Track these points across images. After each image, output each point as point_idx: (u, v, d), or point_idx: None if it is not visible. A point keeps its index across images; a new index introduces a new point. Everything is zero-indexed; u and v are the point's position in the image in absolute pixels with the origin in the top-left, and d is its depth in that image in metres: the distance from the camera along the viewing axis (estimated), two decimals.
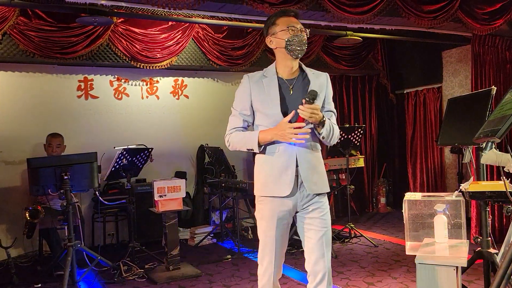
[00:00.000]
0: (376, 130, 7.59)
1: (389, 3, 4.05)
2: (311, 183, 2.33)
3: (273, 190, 2.34)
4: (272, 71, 2.42)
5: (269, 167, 2.36)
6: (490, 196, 2.61)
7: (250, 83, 2.42)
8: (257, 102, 2.39)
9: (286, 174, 2.31)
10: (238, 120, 2.45)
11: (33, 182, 4.02)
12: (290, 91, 2.37)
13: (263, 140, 2.33)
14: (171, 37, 5.59)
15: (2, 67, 5.14)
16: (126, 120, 5.84)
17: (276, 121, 2.32)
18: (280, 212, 2.35)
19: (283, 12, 2.40)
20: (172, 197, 4.23)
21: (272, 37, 2.38)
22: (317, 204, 2.36)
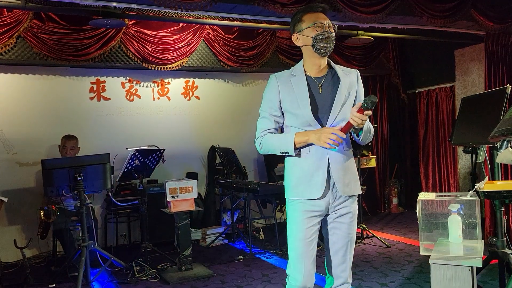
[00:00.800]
0: (388, 130, 7.55)
1: (402, 2, 4.02)
2: (343, 184, 2.25)
3: (304, 192, 2.25)
4: (300, 70, 2.33)
5: (299, 168, 2.28)
6: (506, 195, 2.57)
7: (278, 83, 2.32)
8: (286, 102, 2.30)
9: (318, 175, 2.23)
10: (268, 122, 2.35)
11: (47, 183, 4.08)
12: (319, 89, 2.28)
13: (299, 142, 2.24)
14: (182, 38, 5.62)
15: (17, 70, 5.21)
16: (138, 121, 5.88)
17: (307, 122, 2.24)
18: (312, 214, 2.25)
19: (310, 7, 2.30)
20: (184, 197, 4.25)
21: (298, 34, 2.29)
22: (348, 209, 2.29)
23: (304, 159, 2.27)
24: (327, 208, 2.27)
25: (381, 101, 7.48)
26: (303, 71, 2.33)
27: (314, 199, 2.24)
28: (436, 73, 7.07)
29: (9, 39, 4.79)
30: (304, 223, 2.25)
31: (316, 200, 2.24)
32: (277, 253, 5.03)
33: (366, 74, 7.26)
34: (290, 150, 2.25)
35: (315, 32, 2.23)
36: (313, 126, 2.24)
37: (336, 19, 4.00)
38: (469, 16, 4.39)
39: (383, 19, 3.97)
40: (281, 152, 2.31)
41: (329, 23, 2.27)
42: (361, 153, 5.38)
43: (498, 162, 2.30)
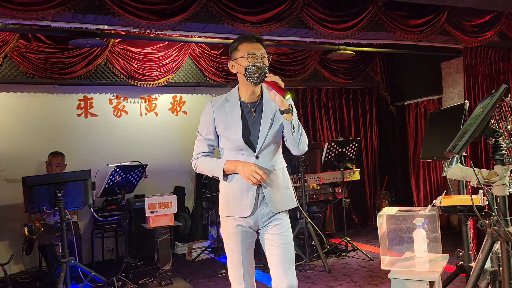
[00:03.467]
0: (377, 142, 7.58)
1: (373, 18, 4.09)
2: (275, 202, 2.41)
3: (234, 210, 2.41)
4: (235, 95, 2.44)
5: (230, 188, 2.42)
6: (462, 210, 2.61)
7: (213, 109, 2.44)
8: (220, 127, 2.42)
9: (247, 196, 2.38)
10: (202, 145, 2.49)
11: (28, 199, 4.15)
12: (252, 114, 2.41)
13: (228, 170, 2.39)
14: (167, 55, 5.72)
15: (4, 88, 5.33)
16: (125, 137, 5.97)
17: (238, 146, 2.38)
18: (243, 229, 2.41)
19: (245, 37, 2.40)
20: (163, 213, 4.30)
21: (233, 61, 2.39)
22: (277, 221, 2.42)
23: (235, 180, 2.40)
24: (256, 223, 2.43)
25: (370, 113, 7.52)
26: (237, 97, 2.44)
27: (243, 217, 2.39)
28: (424, 85, 7.10)
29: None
30: (238, 236, 2.42)
31: (245, 218, 2.40)
32: (260, 267, 5.05)
33: (354, 87, 7.33)
34: (219, 176, 2.41)
35: (247, 62, 2.31)
36: (244, 150, 2.39)
37: (309, 36, 4.08)
38: (444, 30, 4.45)
39: (355, 35, 4.04)
40: (213, 175, 2.47)
41: (263, 53, 2.34)
42: (344, 166, 5.41)
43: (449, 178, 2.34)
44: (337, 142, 5.30)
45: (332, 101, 7.20)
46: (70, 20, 3.27)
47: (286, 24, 3.70)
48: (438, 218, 2.87)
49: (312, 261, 5.08)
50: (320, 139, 6.96)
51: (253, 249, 2.51)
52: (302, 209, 4.96)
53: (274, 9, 3.65)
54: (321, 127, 7.09)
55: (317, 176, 5.37)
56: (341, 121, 7.27)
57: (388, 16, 4.13)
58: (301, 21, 3.83)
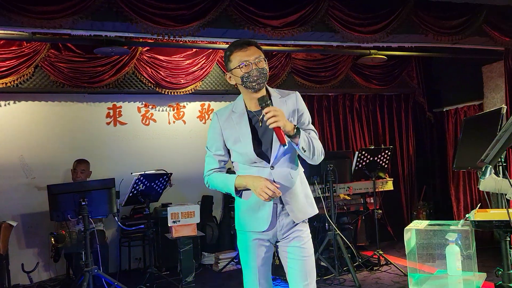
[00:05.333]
0: (414, 151, 7.24)
1: (404, 20, 3.88)
2: (296, 212, 2.27)
3: (250, 225, 2.29)
4: (241, 105, 2.30)
5: (246, 202, 2.29)
6: (498, 225, 2.36)
7: (220, 122, 2.31)
8: (230, 141, 2.29)
9: (264, 209, 2.24)
10: (213, 162, 2.36)
11: (53, 207, 4.18)
12: (259, 123, 2.27)
13: (239, 186, 2.25)
14: (195, 62, 5.69)
15: (36, 98, 5.44)
16: (153, 145, 5.96)
17: (250, 159, 2.25)
18: (260, 242, 2.28)
19: (235, 45, 2.24)
20: (186, 222, 4.22)
21: (229, 73, 2.26)
22: (297, 233, 2.28)
23: (251, 192, 2.24)
24: (274, 235, 2.29)
25: (406, 120, 7.21)
26: (243, 107, 2.30)
27: (261, 231, 2.26)
28: (463, 90, 6.74)
29: (27, 68, 5.03)
30: (254, 251, 2.29)
31: (262, 232, 2.26)
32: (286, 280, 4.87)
33: (388, 93, 7.06)
34: (232, 192, 2.28)
35: (241, 72, 2.18)
36: (258, 163, 2.25)
37: (335, 39, 3.91)
38: (482, 31, 4.17)
39: (384, 38, 3.84)
40: (226, 192, 2.34)
41: (257, 57, 2.18)
42: (376, 175, 5.16)
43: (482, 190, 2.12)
44: (368, 151, 5.06)
45: (365, 108, 6.95)
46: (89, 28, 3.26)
47: (310, 28, 3.56)
48: (472, 233, 2.62)
49: (342, 275, 4.85)
50: (352, 147, 6.72)
51: (270, 264, 2.37)
52: (331, 220, 4.76)
53: (297, 13, 3.51)
54: (354, 135, 6.85)
55: (347, 185, 5.15)
56: (375, 128, 7.01)
57: (419, 17, 3.91)
58: (326, 24, 3.68)
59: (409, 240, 2.79)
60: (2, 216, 5.13)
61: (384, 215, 6.71)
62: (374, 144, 6.77)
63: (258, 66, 2.17)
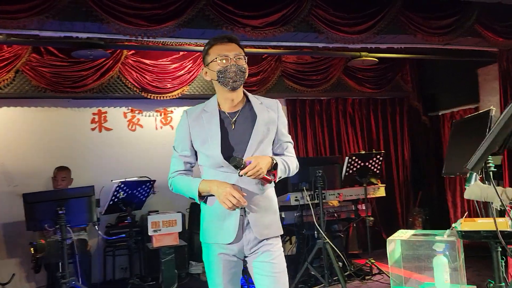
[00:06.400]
0: (410, 156, 7.08)
1: (392, 20, 3.73)
2: (262, 227, 2.10)
3: (216, 237, 2.12)
4: (213, 105, 2.18)
5: (212, 212, 2.13)
6: (486, 236, 2.19)
7: (189, 121, 2.18)
8: (197, 142, 2.16)
9: (230, 220, 2.08)
10: (178, 163, 2.23)
11: (29, 217, 4.02)
12: (232, 125, 2.13)
13: (203, 191, 2.11)
14: (182, 66, 5.56)
15: (19, 103, 5.29)
16: (140, 151, 5.79)
17: (217, 163, 2.09)
18: (225, 257, 2.11)
19: (216, 39, 2.16)
20: (167, 231, 4.07)
21: (206, 68, 2.17)
22: (267, 247, 2.11)
23: (217, 202, 2.07)
24: (241, 250, 2.11)
25: (401, 125, 7.05)
26: (216, 106, 2.16)
27: (227, 244, 2.08)
28: (459, 94, 6.58)
29: (8, 73, 4.89)
30: (220, 267, 2.12)
31: (228, 245, 2.08)
32: None
33: (382, 97, 6.90)
34: (195, 198, 2.12)
35: (218, 66, 2.07)
36: (225, 167, 2.09)
37: (320, 41, 3.76)
38: (474, 32, 4.02)
39: (371, 39, 3.69)
40: (189, 197, 2.17)
41: (237, 54, 2.09)
42: (368, 181, 5.00)
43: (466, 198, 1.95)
44: (358, 156, 4.91)
45: (359, 112, 6.80)
46: (58, 28, 3.11)
47: (292, 28, 3.41)
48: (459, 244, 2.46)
49: (332, 285, 4.67)
50: (345, 152, 6.56)
51: (239, 280, 2.21)
52: (320, 228, 4.58)
53: (279, 12, 3.37)
54: (347, 140, 6.70)
55: (337, 192, 4.98)
56: (368, 133, 6.85)
57: (407, 17, 3.76)
58: (310, 24, 3.53)
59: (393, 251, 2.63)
60: None
61: (379, 222, 6.54)
62: (368, 149, 6.60)
63: (237, 63, 2.07)
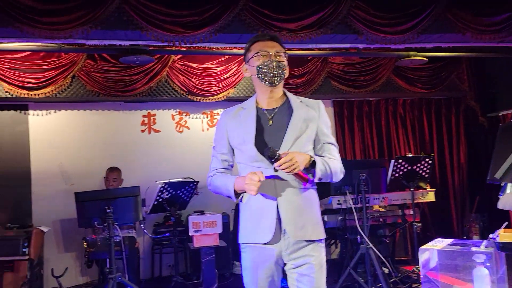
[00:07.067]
0: (466, 159, 6.72)
1: (437, 17, 3.57)
2: (295, 227, 2.02)
3: (252, 236, 2.07)
4: (252, 102, 2.19)
5: (248, 211, 2.11)
6: None
7: (226, 119, 2.21)
8: (233, 138, 2.17)
9: (266, 218, 2.03)
10: (216, 161, 2.24)
11: (80, 214, 4.26)
12: (269, 121, 2.12)
13: (238, 189, 2.08)
14: (227, 69, 5.64)
15: (74, 107, 5.61)
16: (186, 153, 5.93)
17: (253, 157, 2.07)
18: (263, 263, 2.05)
19: (257, 36, 2.19)
20: (207, 232, 4.14)
21: (246, 64, 2.20)
22: (308, 258, 2.03)
23: (252, 200, 2.07)
24: (279, 255, 2.04)
25: (457, 126, 6.71)
26: (254, 104, 2.17)
27: (263, 243, 2.02)
28: None
29: (65, 78, 5.20)
30: (256, 273, 2.06)
31: (266, 246, 2.03)
32: None
33: (436, 97, 6.61)
34: (232, 196, 2.10)
35: (258, 61, 2.10)
36: (261, 162, 2.04)
37: (360, 42, 3.67)
38: None
39: (414, 38, 3.55)
40: (227, 196, 2.15)
41: (278, 51, 2.10)
42: (416, 185, 4.81)
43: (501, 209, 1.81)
44: (405, 159, 4.74)
45: (410, 113, 6.55)
46: (101, 37, 3.28)
47: (329, 30, 3.36)
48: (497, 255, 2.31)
49: None
50: (395, 155, 6.34)
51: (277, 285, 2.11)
52: (363, 232, 4.47)
53: (315, 15, 3.33)
54: (398, 142, 6.48)
55: (382, 196, 4.83)
56: (421, 135, 6.58)
57: (455, 14, 3.57)
58: (349, 25, 3.46)
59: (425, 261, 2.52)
60: (42, 221, 5.33)
61: (431, 227, 6.29)
62: (420, 152, 6.35)
63: (277, 59, 2.08)
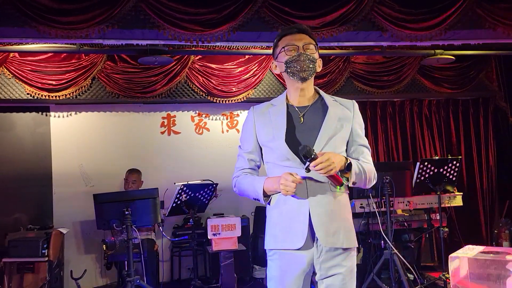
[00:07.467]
0: (495, 162, 6.46)
1: (466, 13, 3.41)
2: (326, 233, 1.90)
3: (283, 241, 1.94)
4: (282, 99, 2.08)
5: (278, 214, 1.98)
6: None
7: (254, 115, 2.08)
8: (262, 135, 2.05)
9: (298, 222, 1.91)
10: (242, 161, 2.12)
11: (99, 216, 4.23)
12: (300, 119, 2.00)
13: (268, 190, 1.97)
14: (247, 70, 5.56)
15: (94, 108, 5.61)
16: (206, 155, 5.87)
17: (284, 155, 1.95)
18: (292, 272, 1.93)
19: (284, 30, 2.06)
20: (226, 235, 4.06)
21: (275, 61, 2.07)
22: (339, 268, 1.92)
23: (284, 201, 1.95)
24: (310, 263, 1.93)
25: (485, 128, 6.46)
26: (284, 100, 2.06)
27: (294, 249, 1.90)
28: None
29: (85, 80, 5.20)
30: (284, 281, 1.94)
31: (296, 253, 1.91)
32: None
33: (464, 98, 6.37)
34: (260, 198, 1.98)
35: (286, 56, 1.97)
36: (291, 161, 1.94)
37: (384, 39, 3.54)
38: None
39: (441, 35, 3.39)
40: (254, 199, 2.03)
41: (307, 43, 1.97)
42: (443, 189, 4.62)
43: None
44: (431, 161, 4.55)
45: (436, 114, 6.34)
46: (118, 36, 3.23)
47: (352, 27, 3.24)
48: None
49: None
50: (420, 157, 6.14)
51: None
52: (387, 237, 4.31)
53: (337, 11, 3.21)
54: (423, 144, 6.27)
55: (407, 200, 4.65)
56: (447, 137, 6.36)
57: (485, 8, 3.40)
58: (372, 22, 3.33)
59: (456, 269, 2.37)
60: (63, 222, 5.35)
61: (458, 232, 6.06)
62: (447, 154, 6.13)
63: (307, 52, 1.95)
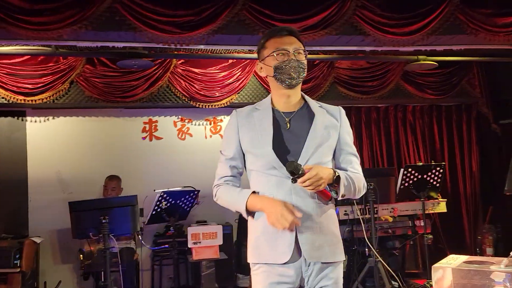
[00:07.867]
0: (478, 168, 6.47)
1: (448, 18, 3.38)
2: (311, 247, 1.82)
3: (268, 255, 1.85)
4: (267, 103, 2.00)
5: (262, 225, 1.87)
6: None
7: (238, 120, 2.00)
8: (246, 141, 1.96)
9: (284, 235, 1.82)
10: (224, 168, 2.03)
11: (74, 225, 4.09)
12: (287, 124, 1.92)
13: (252, 207, 1.88)
14: (231, 74, 5.47)
15: (72, 113, 5.45)
16: (189, 161, 5.75)
17: (270, 164, 1.86)
18: (281, 285, 1.83)
19: (274, 31, 1.97)
20: (207, 244, 3.95)
21: (261, 63, 1.98)
22: (326, 280, 1.84)
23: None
24: (298, 276, 1.84)
25: (468, 134, 6.47)
26: (269, 104, 1.97)
27: (280, 264, 1.81)
28: None
29: (63, 84, 5.06)
30: None
31: (283, 267, 1.81)
32: None
33: (447, 104, 6.39)
34: (242, 212, 1.90)
35: (276, 61, 1.87)
36: (277, 170, 1.85)
37: (366, 44, 3.49)
38: None
39: (424, 40, 3.36)
40: (235, 211, 1.96)
41: (297, 48, 1.88)
42: (426, 195, 4.59)
43: None
44: (415, 168, 4.53)
45: (420, 120, 6.33)
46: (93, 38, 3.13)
47: (334, 31, 3.18)
48: None
49: None
50: (405, 164, 6.12)
51: None
52: (371, 245, 4.26)
53: (319, 14, 3.16)
54: (407, 150, 6.25)
55: (391, 206, 4.61)
56: (431, 143, 6.35)
57: (467, 14, 3.38)
58: (354, 26, 3.28)
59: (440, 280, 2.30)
60: (38, 231, 5.17)
61: (443, 239, 6.04)
62: (431, 160, 6.12)
63: (297, 58, 1.87)
